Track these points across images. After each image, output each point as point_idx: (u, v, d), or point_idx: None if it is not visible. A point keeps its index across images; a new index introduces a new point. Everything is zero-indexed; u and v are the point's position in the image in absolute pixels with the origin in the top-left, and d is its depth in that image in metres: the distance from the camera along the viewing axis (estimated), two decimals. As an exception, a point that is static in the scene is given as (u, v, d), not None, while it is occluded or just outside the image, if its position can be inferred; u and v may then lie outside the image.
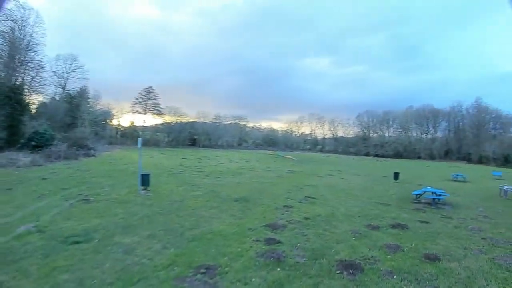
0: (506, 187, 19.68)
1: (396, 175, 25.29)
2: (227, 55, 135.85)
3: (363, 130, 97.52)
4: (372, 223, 10.61)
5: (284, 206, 12.84)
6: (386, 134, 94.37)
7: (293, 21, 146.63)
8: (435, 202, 14.82)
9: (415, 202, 15.25)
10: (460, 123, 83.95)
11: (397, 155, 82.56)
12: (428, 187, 16.74)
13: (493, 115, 79.32)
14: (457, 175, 29.82)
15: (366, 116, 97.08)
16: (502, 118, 78.17)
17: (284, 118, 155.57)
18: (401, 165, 48.69)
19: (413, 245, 8.44)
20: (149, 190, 15.21)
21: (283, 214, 11.39)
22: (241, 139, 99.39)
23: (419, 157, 79.74)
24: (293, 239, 8.46)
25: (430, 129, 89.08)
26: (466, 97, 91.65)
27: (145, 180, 15.53)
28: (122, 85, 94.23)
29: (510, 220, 12.47)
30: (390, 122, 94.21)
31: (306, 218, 10.79)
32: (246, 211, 11.70)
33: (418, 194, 15.92)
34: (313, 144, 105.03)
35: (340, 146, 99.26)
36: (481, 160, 69.48)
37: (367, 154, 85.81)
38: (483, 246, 8.58)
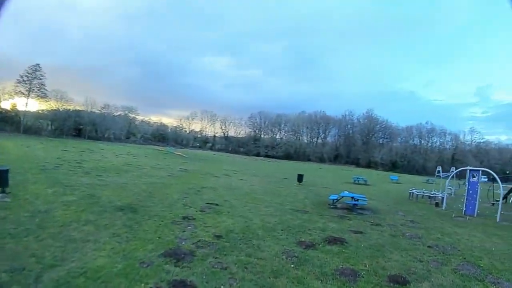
0: (415, 190, 20.36)
1: (300, 178, 23.93)
2: (126, 43, 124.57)
3: (255, 131, 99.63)
4: (303, 239, 8.16)
5: (184, 217, 9.39)
6: (278, 136, 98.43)
7: (198, 16, 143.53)
8: (356, 208, 13.42)
9: (333, 208, 13.67)
10: (351, 131, 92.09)
11: (288, 156, 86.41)
12: (345, 192, 15.57)
13: (383, 126, 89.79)
14: (358, 178, 30.84)
15: (259, 117, 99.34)
16: (391, 129, 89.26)
17: (175, 113, 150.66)
18: (294, 167, 49.81)
19: (367, 266, 6.53)
20: (7, 193, 10.19)
21: (184, 231, 7.95)
22: (129, 132, 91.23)
23: (309, 160, 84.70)
24: (210, 278, 5.24)
25: (321, 134, 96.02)
26: (358, 107, 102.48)
27: (1, 178, 10.37)
28: (12, 62, 76.69)
29: (435, 224, 12.28)
30: (282, 125, 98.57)
31: (218, 237, 7.64)
32: (134, 227, 7.92)
33: (335, 199, 14.42)
34: (204, 142, 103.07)
35: (230, 145, 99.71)
36: (369, 165, 76.75)
37: (257, 154, 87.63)
38: (436, 256, 7.69)
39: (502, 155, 76.91)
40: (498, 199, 16.42)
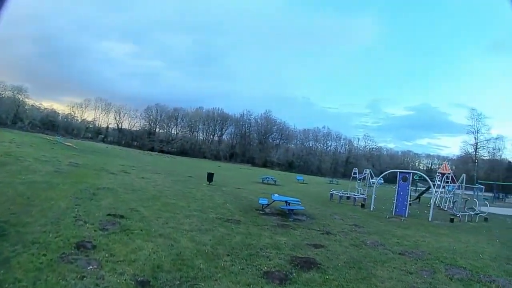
0: (335, 191, 20.34)
1: (210, 177, 21.07)
2: (29, 14, 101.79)
3: (150, 124, 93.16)
4: (265, 267, 5.63)
5: (79, 245, 5.57)
6: (173, 131, 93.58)
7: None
8: (292, 213, 11.40)
9: (263, 214, 11.50)
10: (248, 130, 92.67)
11: (183, 152, 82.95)
12: (276, 195, 13.53)
13: (280, 127, 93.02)
14: (267, 177, 29.77)
15: (155, 109, 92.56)
16: (288, 131, 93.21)
17: (68, 100, 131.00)
18: (194, 164, 47.49)
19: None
20: None
21: (83, 277, 4.39)
22: (17, 117, 75.18)
23: (204, 157, 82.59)
24: None
25: (218, 131, 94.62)
26: (256, 108, 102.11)
27: None
28: None
29: (380, 227, 11.67)
30: (179, 120, 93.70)
31: (142, 284, 4.39)
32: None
33: (266, 204, 12.17)
34: (96, 133, 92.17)
35: (124, 138, 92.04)
36: (265, 164, 78.24)
37: (152, 149, 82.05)
38: (417, 265, 7.01)
39: (392, 160, 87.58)
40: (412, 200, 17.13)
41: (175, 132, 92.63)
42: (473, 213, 17.15)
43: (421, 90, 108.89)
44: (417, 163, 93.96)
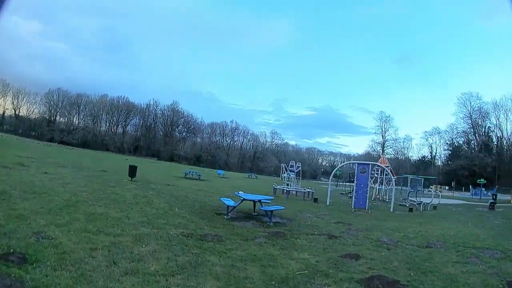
0: (279, 186, 19.49)
1: (133, 171, 16.85)
2: None
3: (51, 110, 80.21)
4: None
5: None
6: (75, 120, 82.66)
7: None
8: (271, 216, 9.11)
9: (232, 219, 8.94)
10: (154, 122, 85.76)
11: (85, 144, 74.19)
12: (241, 192, 11.10)
13: (187, 119, 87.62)
14: (191, 171, 26.86)
15: (57, 94, 79.52)
16: (195, 124, 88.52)
17: None
18: (99, 156, 42.67)
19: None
20: None
21: None
22: None
23: (107, 149, 74.80)
24: None
25: (122, 122, 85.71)
26: (163, 99, 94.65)
27: None
28: None
29: (359, 221, 11.06)
30: (82, 107, 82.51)
31: None
32: None
33: (233, 206, 9.56)
34: None
35: (21, 126, 78.49)
36: (172, 158, 73.63)
37: (51, 140, 71.20)
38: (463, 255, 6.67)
39: (298, 156, 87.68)
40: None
41: (77, 122, 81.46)
42: (423, 203, 17.96)
43: (324, 92, 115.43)
44: (320, 160, 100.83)
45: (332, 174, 20.56)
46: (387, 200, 20.27)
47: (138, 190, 11.94)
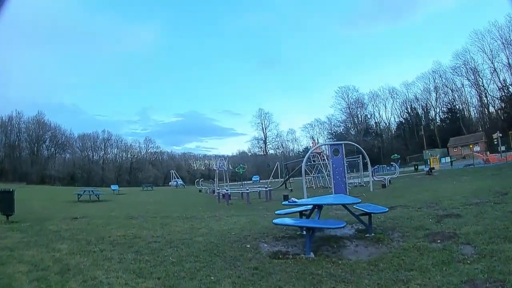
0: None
1: (9, 203, 10.97)
2: None
3: None
4: None
5: None
6: None
7: None
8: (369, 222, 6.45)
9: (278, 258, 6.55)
10: (17, 139, 69.81)
11: None
12: (293, 199, 8.76)
13: (54, 132, 73.93)
14: (85, 191, 22.56)
15: None
16: (64, 138, 76.11)
17: None
18: None
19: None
20: None
21: None
22: None
23: None
24: None
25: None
26: (27, 111, 78.24)
27: None
28: None
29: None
30: None
31: None
32: None
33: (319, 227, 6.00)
34: None
35: None
36: (43, 180, 62.04)
37: None
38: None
39: (174, 161, 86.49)
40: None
41: None
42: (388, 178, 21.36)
43: (190, 98, 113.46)
44: (196, 163, 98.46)
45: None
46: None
47: (36, 249, 6.01)
